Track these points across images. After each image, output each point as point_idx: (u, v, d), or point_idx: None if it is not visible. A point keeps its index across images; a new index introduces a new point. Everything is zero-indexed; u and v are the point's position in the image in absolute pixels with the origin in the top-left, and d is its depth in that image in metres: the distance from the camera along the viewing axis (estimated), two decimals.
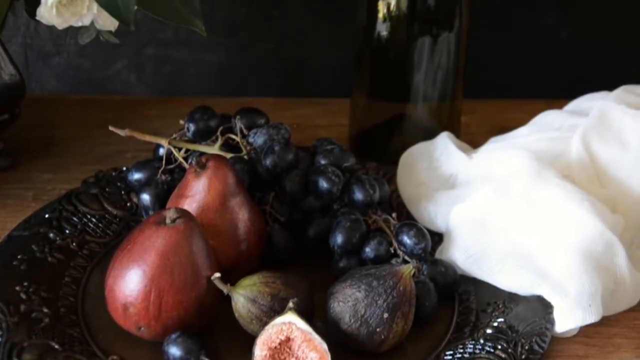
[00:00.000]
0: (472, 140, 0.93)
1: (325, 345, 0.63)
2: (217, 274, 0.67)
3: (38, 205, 0.84)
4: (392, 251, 0.75)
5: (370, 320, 0.66)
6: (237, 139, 0.80)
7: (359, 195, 0.76)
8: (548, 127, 0.88)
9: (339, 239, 0.75)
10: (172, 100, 1.09)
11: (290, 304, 0.65)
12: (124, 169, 0.86)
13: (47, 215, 0.80)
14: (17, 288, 0.71)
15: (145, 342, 0.68)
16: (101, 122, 0.97)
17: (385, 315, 0.66)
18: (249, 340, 0.66)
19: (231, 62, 1.14)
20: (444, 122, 0.94)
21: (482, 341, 0.69)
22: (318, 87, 1.12)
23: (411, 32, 0.88)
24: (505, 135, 0.90)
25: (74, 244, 0.78)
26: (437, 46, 0.88)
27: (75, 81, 1.14)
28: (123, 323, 0.67)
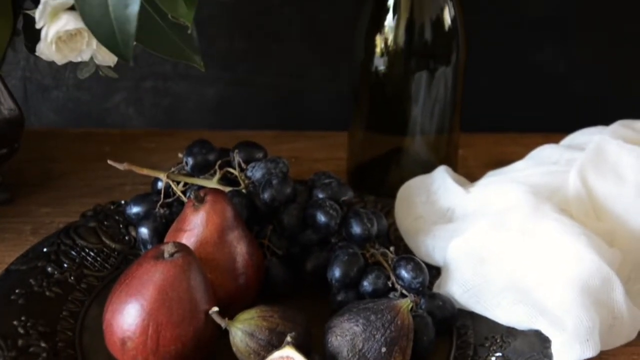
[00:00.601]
0: (470, 174, 0.93)
1: None
2: (215, 308, 0.67)
3: (36, 239, 0.84)
4: (390, 285, 0.75)
5: (368, 355, 0.66)
6: (236, 172, 0.81)
7: (356, 229, 0.76)
8: (545, 161, 0.89)
9: (337, 272, 0.75)
10: (170, 134, 1.09)
11: (288, 338, 0.65)
12: (123, 202, 0.87)
13: (45, 249, 0.80)
14: (15, 322, 0.71)
15: None
16: (100, 155, 0.98)
17: (383, 349, 0.66)
18: None
19: (230, 96, 1.15)
20: (441, 156, 0.94)
21: None
22: (316, 120, 1.13)
23: (408, 67, 0.88)
24: (503, 169, 0.91)
25: (72, 278, 0.78)
26: (434, 80, 0.89)
27: (74, 114, 1.15)
28: (121, 357, 0.67)
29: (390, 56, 0.88)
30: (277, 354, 0.64)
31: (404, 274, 0.74)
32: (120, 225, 0.85)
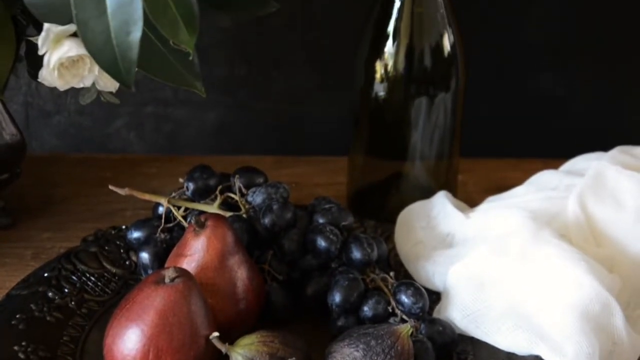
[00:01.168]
0: (469, 199, 0.93)
1: None
2: (216, 333, 0.67)
3: (37, 263, 0.84)
4: (390, 310, 0.75)
5: None
6: (236, 197, 0.81)
7: (357, 254, 0.77)
8: (544, 187, 0.89)
9: (337, 297, 0.75)
10: (171, 159, 1.10)
11: None
12: (124, 227, 0.87)
13: (46, 274, 0.80)
14: (16, 347, 0.71)
15: None
16: (101, 180, 0.98)
17: None
18: None
19: (230, 121, 1.15)
20: (441, 181, 0.94)
21: None
22: (316, 145, 1.13)
23: (408, 93, 0.89)
24: (502, 194, 0.91)
25: (73, 303, 0.78)
26: (433, 106, 0.89)
27: (76, 139, 1.15)
28: None
29: (390, 82, 0.89)
30: None
31: (404, 299, 0.74)
32: (121, 250, 0.85)
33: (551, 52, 1.14)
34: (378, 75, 0.89)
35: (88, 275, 0.82)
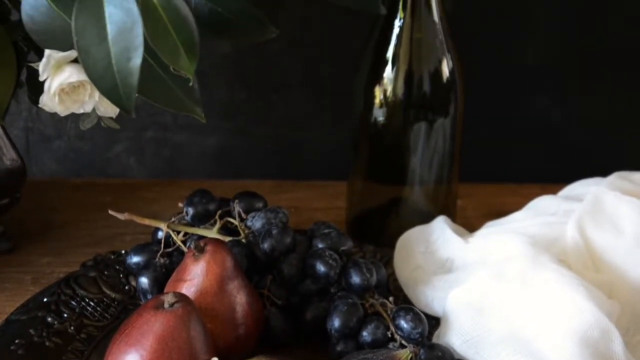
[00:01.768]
0: (468, 224, 0.93)
1: None
2: (215, 359, 0.67)
3: (37, 288, 0.84)
4: (390, 335, 0.75)
5: None
6: (236, 222, 0.81)
7: (356, 279, 0.77)
8: (543, 212, 0.89)
9: (336, 322, 0.75)
10: (171, 184, 1.10)
11: None
12: (123, 252, 0.87)
13: (45, 299, 0.80)
14: None
15: None
16: (101, 205, 0.98)
17: None
18: None
19: (230, 146, 1.15)
20: (440, 206, 0.94)
21: None
22: (316, 170, 1.13)
23: (407, 118, 0.89)
24: (501, 219, 0.91)
25: (72, 328, 0.78)
26: (432, 131, 0.90)
27: (76, 164, 1.15)
28: None
29: (389, 107, 0.89)
30: None
31: (404, 324, 0.74)
32: (121, 275, 0.85)
33: (550, 77, 1.14)
34: (377, 101, 0.89)
35: (87, 300, 0.82)
